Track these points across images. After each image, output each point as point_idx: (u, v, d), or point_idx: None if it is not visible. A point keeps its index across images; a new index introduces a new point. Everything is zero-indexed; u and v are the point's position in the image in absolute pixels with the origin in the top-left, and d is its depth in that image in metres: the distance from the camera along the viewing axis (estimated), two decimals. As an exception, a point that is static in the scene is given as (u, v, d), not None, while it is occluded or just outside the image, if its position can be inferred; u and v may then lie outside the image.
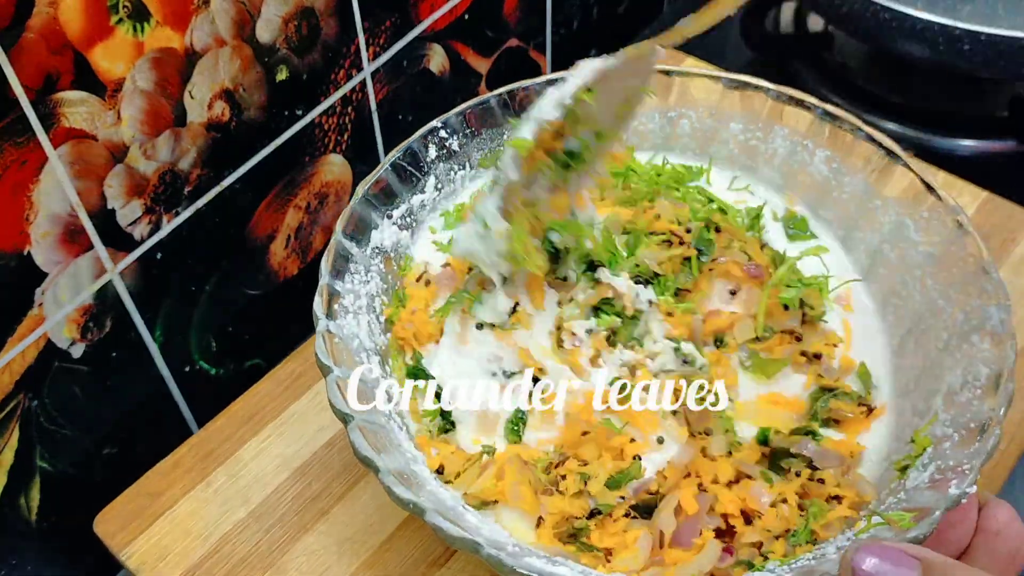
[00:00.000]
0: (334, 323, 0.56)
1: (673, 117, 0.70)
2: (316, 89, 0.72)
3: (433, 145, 0.66)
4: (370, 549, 0.63)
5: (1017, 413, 0.67)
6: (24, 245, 0.58)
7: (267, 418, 0.70)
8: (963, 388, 0.53)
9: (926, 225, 0.60)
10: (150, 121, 0.61)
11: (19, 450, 0.63)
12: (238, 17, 0.64)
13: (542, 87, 0.68)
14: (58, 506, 0.68)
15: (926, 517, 0.45)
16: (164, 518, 0.65)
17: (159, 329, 0.70)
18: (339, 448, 0.68)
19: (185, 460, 0.68)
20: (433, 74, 0.83)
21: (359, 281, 0.60)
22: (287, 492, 0.66)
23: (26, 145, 0.55)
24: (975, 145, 0.97)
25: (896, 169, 0.62)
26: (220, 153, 0.67)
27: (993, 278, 0.55)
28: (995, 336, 0.53)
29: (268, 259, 0.77)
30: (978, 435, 0.49)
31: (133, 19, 0.58)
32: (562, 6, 0.96)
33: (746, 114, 0.68)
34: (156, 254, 0.66)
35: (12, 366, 0.60)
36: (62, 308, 0.62)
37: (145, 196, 0.64)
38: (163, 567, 0.63)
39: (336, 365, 0.53)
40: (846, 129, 0.64)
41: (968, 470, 0.47)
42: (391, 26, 0.76)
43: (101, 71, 0.57)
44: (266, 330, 0.80)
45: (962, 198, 0.80)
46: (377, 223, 0.62)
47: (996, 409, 0.49)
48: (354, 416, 0.51)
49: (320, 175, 0.77)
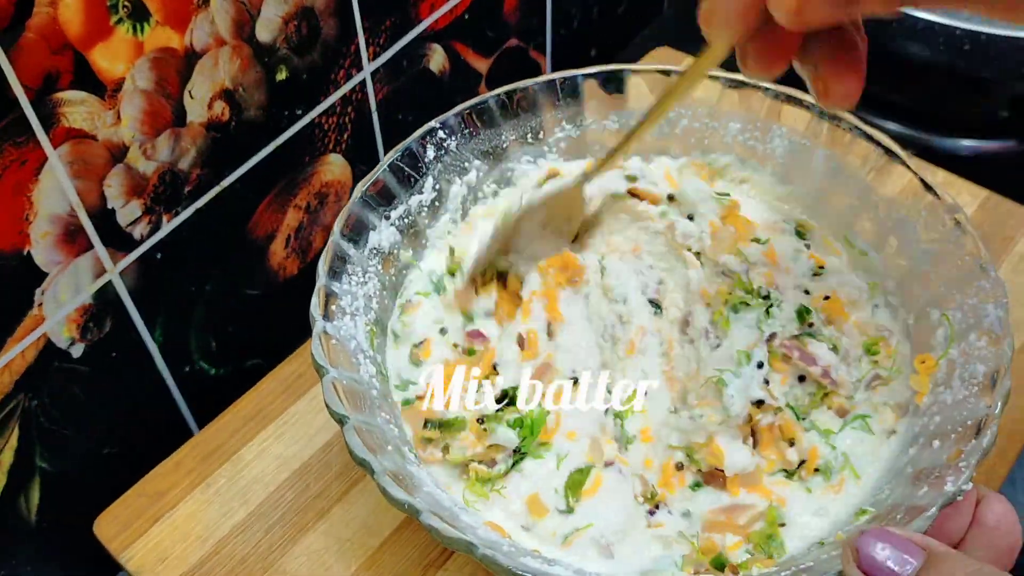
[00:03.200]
0: (331, 324, 0.56)
1: (672, 116, 0.70)
2: (316, 89, 0.72)
3: (432, 146, 0.66)
4: (370, 550, 0.63)
5: (1016, 411, 0.67)
6: (24, 245, 0.58)
7: (267, 418, 0.70)
8: (960, 385, 0.53)
9: (925, 224, 0.60)
10: (150, 121, 0.61)
11: (19, 450, 0.63)
12: (238, 17, 0.64)
13: (541, 87, 0.68)
14: (58, 506, 0.68)
15: (922, 514, 0.45)
16: (164, 520, 0.65)
17: (159, 329, 0.70)
18: (339, 449, 0.68)
19: (185, 461, 0.68)
20: (433, 74, 0.83)
21: (356, 282, 0.60)
22: (287, 493, 0.66)
23: (26, 145, 0.55)
24: (975, 145, 0.97)
25: (895, 168, 0.62)
26: (220, 153, 0.67)
27: (991, 276, 0.55)
28: (992, 335, 0.53)
29: (268, 259, 0.77)
30: (974, 432, 0.49)
31: (133, 19, 0.58)
32: (562, 6, 0.96)
33: (745, 113, 0.68)
34: (156, 254, 0.67)
35: (12, 366, 0.61)
36: (62, 308, 0.62)
37: (145, 196, 0.64)
38: (163, 569, 0.63)
39: (333, 366, 0.53)
40: (844, 128, 0.64)
41: (964, 467, 0.47)
42: (391, 26, 0.76)
43: (101, 71, 0.57)
44: (266, 330, 0.80)
45: (962, 197, 0.80)
46: (375, 224, 0.62)
47: (992, 406, 0.49)
48: (349, 417, 0.51)
49: (320, 175, 0.77)
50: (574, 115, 0.69)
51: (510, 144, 0.68)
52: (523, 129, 0.69)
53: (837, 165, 0.65)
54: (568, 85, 0.68)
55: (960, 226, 0.58)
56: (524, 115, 0.68)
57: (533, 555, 0.50)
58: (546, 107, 0.68)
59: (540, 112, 0.68)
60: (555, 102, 0.68)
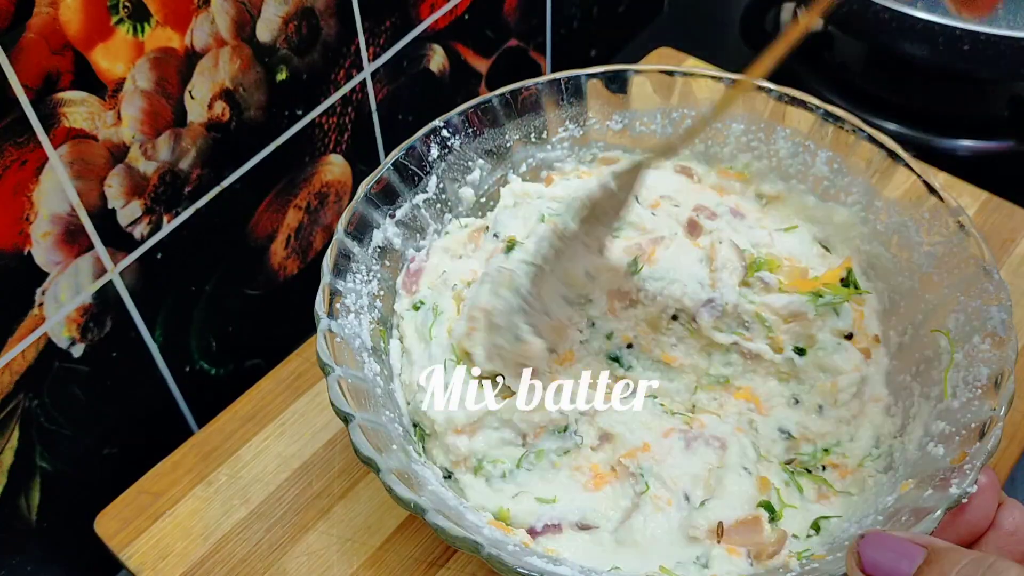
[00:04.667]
0: (335, 322, 0.56)
1: (675, 117, 0.70)
2: (316, 89, 0.72)
3: (435, 144, 0.66)
4: (371, 549, 0.63)
5: (1017, 413, 0.67)
6: (24, 245, 0.58)
7: (268, 418, 0.70)
8: (964, 388, 0.53)
9: (927, 226, 0.60)
10: (150, 121, 0.61)
11: (19, 450, 0.63)
12: (238, 17, 0.63)
13: (545, 87, 0.68)
14: (58, 506, 0.68)
15: (928, 515, 0.45)
16: (164, 518, 0.65)
17: (159, 329, 0.70)
18: (340, 448, 0.68)
19: (185, 460, 0.68)
20: (433, 74, 0.83)
21: (361, 280, 0.60)
22: (288, 492, 0.66)
23: (26, 145, 0.55)
24: (975, 145, 0.97)
25: (898, 170, 0.62)
26: (220, 153, 0.67)
27: (995, 279, 0.55)
28: (996, 337, 0.53)
29: (268, 259, 0.77)
30: (979, 434, 0.49)
31: (133, 19, 0.58)
32: (562, 6, 0.96)
33: (748, 115, 0.68)
34: (156, 254, 0.66)
35: (12, 366, 0.60)
36: (62, 308, 0.62)
37: (145, 196, 0.63)
38: (163, 567, 0.63)
39: (337, 364, 0.53)
40: (848, 130, 0.64)
41: (969, 469, 0.47)
42: (391, 26, 0.76)
43: (101, 71, 0.57)
44: (266, 330, 0.80)
45: (962, 199, 0.80)
46: (379, 222, 0.62)
47: (997, 409, 0.49)
48: (355, 415, 0.51)
49: (320, 175, 0.77)
50: (577, 115, 0.69)
51: (514, 143, 0.68)
52: (526, 128, 0.69)
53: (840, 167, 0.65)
54: (572, 85, 0.68)
55: (964, 229, 0.58)
56: (527, 115, 0.68)
57: (539, 554, 0.50)
58: (549, 107, 0.68)
59: (543, 112, 0.68)
60: (558, 102, 0.68)
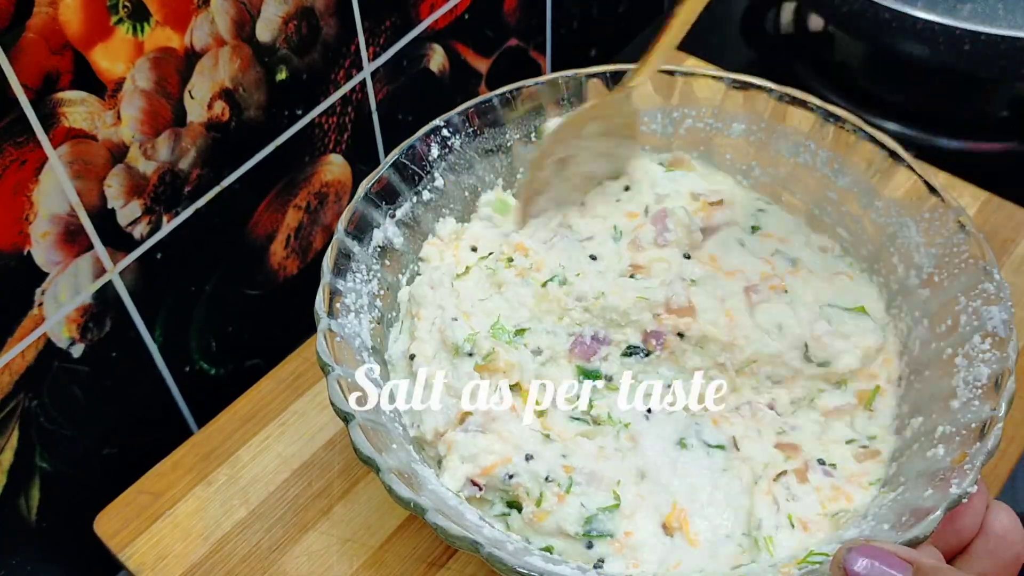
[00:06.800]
0: (335, 322, 0.56)
1: (676, 117, 0.70)
2: (316, 89, 0.72)
3: (435, 144, 0.66)
4: (371, 549, 0.63)
5: (1017, 413, 0.67)
6: (24, 245, 0.57)
7: (267, 417, 0.70)
8: (964, 388, 0.53)
9: (928, 226, 0.60)
10: (150, 121, 0.61)
11: (19, 450, 0.63)
12: (238, 17, 0.63)
13: (545, 86, 0.68)
14: (58, 506, 0.68)
15: (927, 516, 0.45)
16: (164, 518, 0.65)
17: (159, 329, 0.70)
18: (340, 447, 0.68)
19: (185, 460, 0.68)
20: (433, 74, 0.83)
21: (361, 280, 0.60)
22: (288, 492, 0.66)
23: (26, 145, 0.55)
24: (975, 145, 0.97)
25: (898, 170, 0.62)
26: (220, 153, 0.67)
27: (995, 279, 0.55)
28: (996, 337, 0.53)
29: (268, 259, 0.77)
30: (979, 435, 0.49)
31: (133, 19, 0.58)
32: (562, 6, 0.96)
33: (749, 115, 0.68)
34: (156, 254, 0.66)
35: (12, 366, 0.60)
36: (62, 308, 0.62)
37: (145, 196, 0.63)
38: (163, 567, 0.63)
39: (337, 364, 0.53)
40: (849, 130, 0.64)
41: (968, 469, 0.47)
42: (391, 26, 0.76)
43: (101, 71, 0.57)
44: (266, 330, 0.80)
45: (963, 199, 0.80)
46: (379, 222, 0.62)
47: (997, 409, 0.49)
48: (355, 415, 0.51)
49: (320, 175, 0.77)
50: (577, 115, 0.69)
51: (514, 143, 0.68)
52: (526, 128, 0.69)
53: (840, 167, 0.65)
54: (572, 84, 0.68)
55: (964, 229, 0.58)
56: (528, 114, 0.68)
57: (539, 553, 0.50)
58: (550, 106, 0.68)
59: (544, 111, 0.68)
60: (559, 101, 0.68)
